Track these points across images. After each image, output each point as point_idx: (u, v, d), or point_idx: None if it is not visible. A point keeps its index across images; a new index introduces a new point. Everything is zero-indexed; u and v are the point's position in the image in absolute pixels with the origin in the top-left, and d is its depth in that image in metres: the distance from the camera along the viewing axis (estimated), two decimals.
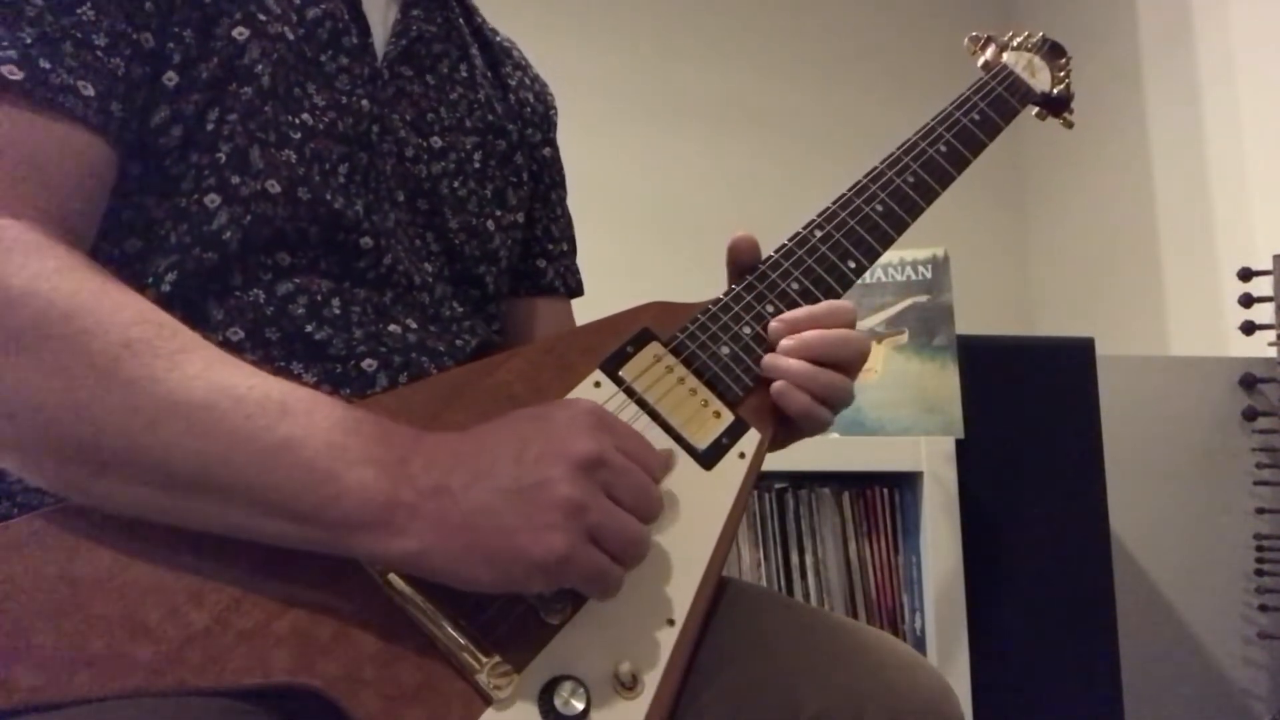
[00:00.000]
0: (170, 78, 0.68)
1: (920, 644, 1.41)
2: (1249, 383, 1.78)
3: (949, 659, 1.39)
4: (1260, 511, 1.74)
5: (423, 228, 0.79)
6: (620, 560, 0.59)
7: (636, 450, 0.60)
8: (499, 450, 0.58)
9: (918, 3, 2.80)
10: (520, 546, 0.55)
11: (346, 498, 0.55)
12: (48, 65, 0.62)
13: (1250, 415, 1.77)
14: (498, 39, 0.95)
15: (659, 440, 0.69)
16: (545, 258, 0.96)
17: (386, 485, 0.56)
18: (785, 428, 0.76)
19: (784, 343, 0.75)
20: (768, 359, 0.75)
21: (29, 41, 0.61)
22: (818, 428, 0.75)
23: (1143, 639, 1.65)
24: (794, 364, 0.74)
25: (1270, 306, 1.72)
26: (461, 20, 0.89)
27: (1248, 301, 1.74)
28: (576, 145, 1.01)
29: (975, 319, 1.71)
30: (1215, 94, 2.18)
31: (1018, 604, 1.46)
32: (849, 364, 0.75)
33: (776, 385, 0.74)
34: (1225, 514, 1.75)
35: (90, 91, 0.63)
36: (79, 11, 0.64)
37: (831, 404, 0.74)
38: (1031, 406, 1.53)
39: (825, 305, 0.77)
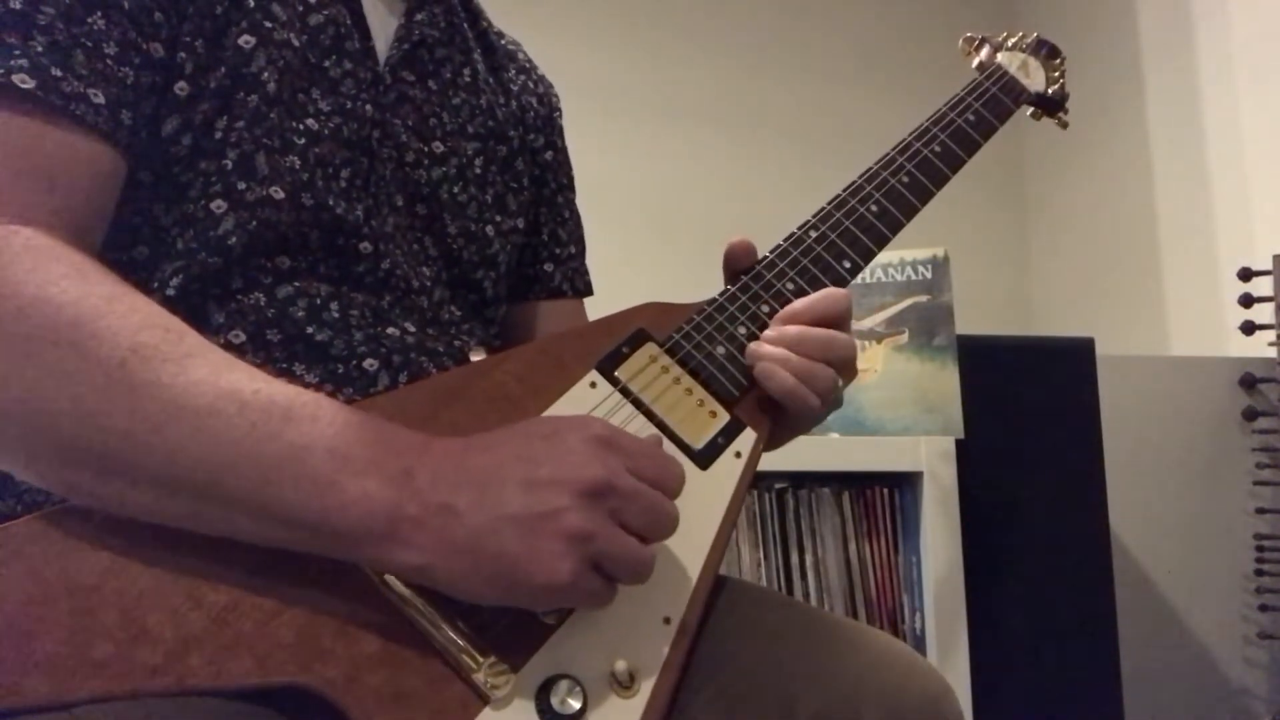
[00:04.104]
0: (182, 88, 0.69)
1: (920, 644, 1.41)
2: (1249, 383, 1.78)
3: (949, 659, 1.39)
4: (1260, 511, 1.74)
5: (421, 232, 0.80)
6: (624, 583, 0.59)
7: (648, 469, 0.60)
8: (507, 471, 0.57)
9: (917, 3, 2.80)
10: (525, 573, 0.56)
11: (350, 509, 0.55)
12: (59, 73, 0.62)
13: (1250, 415, 1.77)
14: (503, 42, 0.95)
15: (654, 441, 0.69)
16: (552, 261, 0.96)
17: (391, 497, 0.56)
18: (780, 421, 0.76)
19: (767, 333, 0.76)
20: (751, 346, 0.75)
21: (40, 50, 0.62)
22: (807, 415, 0.75)
23: (1143, 639, 1.65)
24: (773, 349, 0.74)
25: (1270, 306, 1.71)
26: (466, 25, 0.89)
27: (1248, 301, 1.74)
28: (577, 145, 1.00)
29: (975, 319, 1.71)
30: (1215, 94, 2.18)
31: (1018, 604, 1.46)
32: (835, 364, 0.75)
33: (760, 366, 0.74)
34: (1225, 514, 1.75)
35: (101, 99, 0.64)
36: (89, 21, 0.64)
37: (815, 389, 0.74)
38: (1031, 406, 1.53)
39: (821, 293, 0.77)
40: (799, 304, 0.77)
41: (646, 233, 2.48)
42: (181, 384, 0.56)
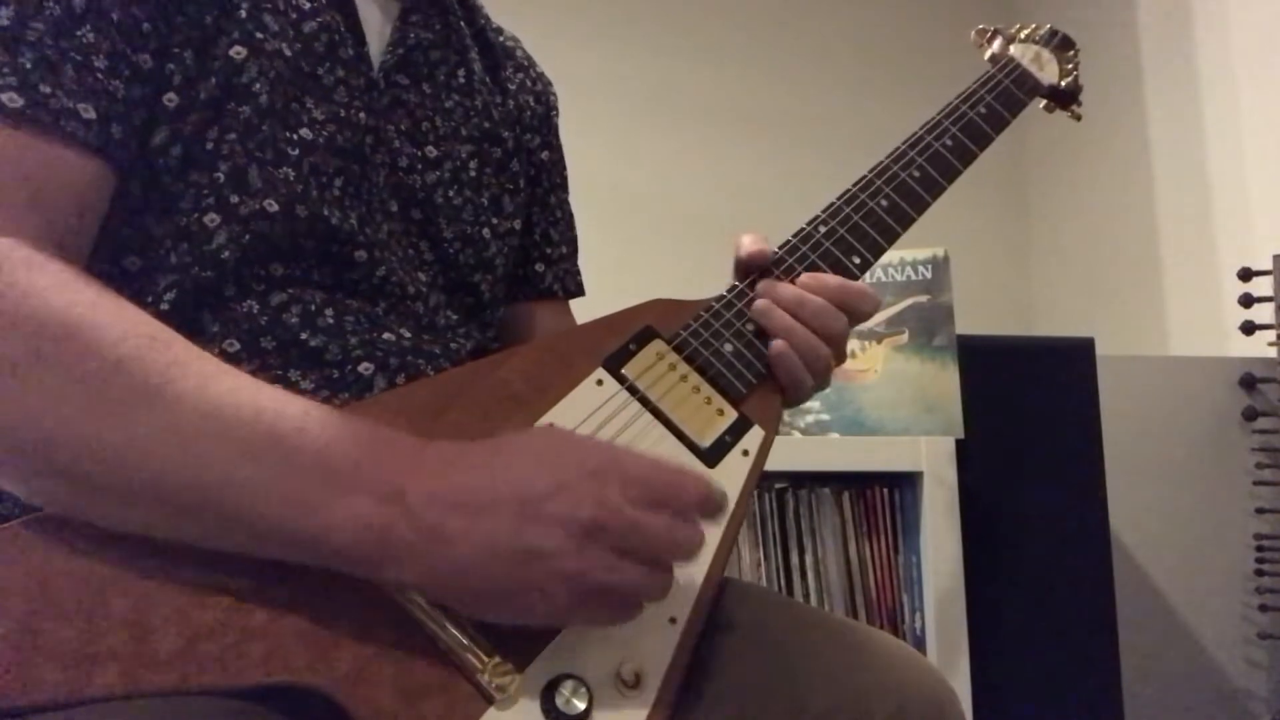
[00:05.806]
0: (170, 99, 0.68)
1: (920, 644, 1.41)
2: (1249, 383, 1.78)
3: (949, 659, 1.39)
4: (1260, 511, 1.74)
5: (416, 237, 0.79)
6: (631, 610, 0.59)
7: (656, 490, 0.58)
8: (501, 496, 0.56)
9: (918, 3, 2.80)
10: (519, 604, 0.56)
11: (340, 531, 0.55)
12: (48, 90, 0.62)
13: (1250, 415, 1.77)
14: (500, 39, 0.94)
15: (661, 438, 0.69)
16: (544, 261, 0.95)
17: (382, 519, 0.55)
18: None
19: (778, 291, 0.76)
20: (759, 304, 0.76)
21: (29, 66, 0.61)
22: (802, 391, 0.76)
23: (1143, 639, 1.65)
24: (780, 316, 0.75)
25: (1270, 306, 1.71)
26: (463, 24, 0.88)
27: (1248, 301, 1.74)
28: (576, 145, 1.00)
29: (975, 319, 1.70)
30: (1215, 94, 2.18)
31: (1018, 604, 1.46)
32: (831, 336, 0.76)
33: (775, 344, 0.74)
34: (1225, 514, 1.75)
35: (91, 114, 0.63)
36: (79, 34, 0.64)
37: (810, 366, 0.75)
38: (1031, 406, 1.53)
39: (857, 285, 0.78)
40: (814, 278, 0.77)
41: (646, 232, 2.48)
42: (168, 398, 0.55)
